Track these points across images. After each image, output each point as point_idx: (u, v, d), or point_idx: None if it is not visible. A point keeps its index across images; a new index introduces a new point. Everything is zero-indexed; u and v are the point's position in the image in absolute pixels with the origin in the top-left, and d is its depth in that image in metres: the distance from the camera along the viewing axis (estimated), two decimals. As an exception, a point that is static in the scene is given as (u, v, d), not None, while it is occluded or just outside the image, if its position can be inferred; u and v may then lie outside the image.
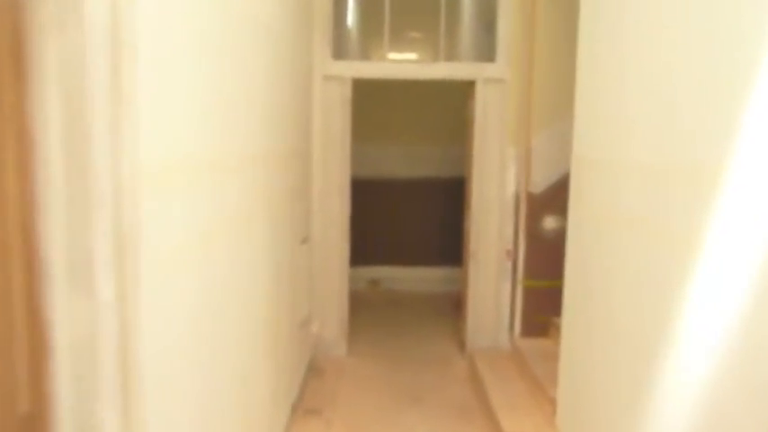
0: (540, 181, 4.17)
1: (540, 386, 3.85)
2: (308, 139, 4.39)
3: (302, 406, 3.88)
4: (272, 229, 3.04)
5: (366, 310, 5.95)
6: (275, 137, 3.12)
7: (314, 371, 4.42)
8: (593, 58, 2.84)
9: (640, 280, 2.22)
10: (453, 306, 6.05)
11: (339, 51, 4.58)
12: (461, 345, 4.84)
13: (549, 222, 4.19)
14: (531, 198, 4.19)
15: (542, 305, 4.28)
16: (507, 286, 4.52)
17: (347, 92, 4.53)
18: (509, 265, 4.50)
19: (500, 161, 4.52)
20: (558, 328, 4.16)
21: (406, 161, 6.62)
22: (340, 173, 4.61)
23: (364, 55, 5.12)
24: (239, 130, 2.29)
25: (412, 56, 5.65)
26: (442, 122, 6.51)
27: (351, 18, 5.09)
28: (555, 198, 4.16)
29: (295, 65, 3.72)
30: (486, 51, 4.64)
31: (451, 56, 4.67)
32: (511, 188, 4.48)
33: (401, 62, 4.58)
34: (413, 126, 6.54)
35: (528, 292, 4.27)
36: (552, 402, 3.47)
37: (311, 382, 4.25)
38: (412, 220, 6.68)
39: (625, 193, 2.38)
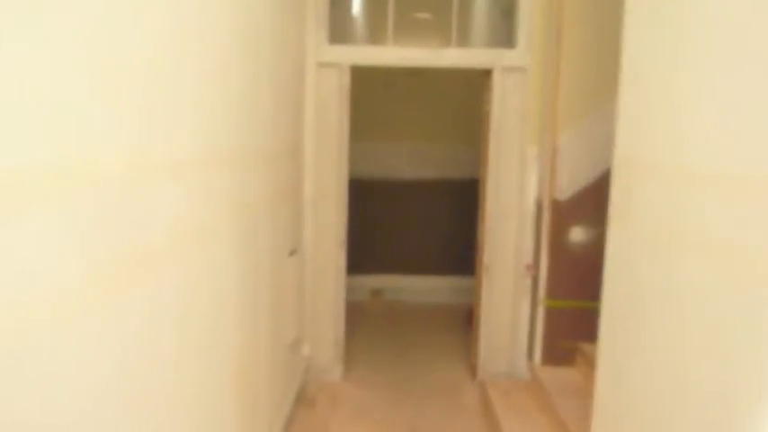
0: (568, 186, 3.59)
1: (564, 425, 3.27)
2: (300, 135, 3.83)
3: (286, 447, 3.32)
4: (245, 243, 2.48)
5: (366, 326, 5.38)
6: (252, 133, 2.56)
7: (304, 400, 3.86)
8: (645, 33, 2.26)
9: (727, 324, 1.65)
10: (464, 321, 5.49)
11: (336, 35, 4.01)
12: (472, 369, 4.27)
13: (577, 234, 3.61)
14: (557, 205, 3.61)
15: (567, 329, 3.70)
16: (526, 306, 3.95)
17: (345, 81, 3.96)
18: (528, 281, 3.92)
19: (519, 162, 3.94)
20: (585, 357, 3.58)
21: (412, 160, 6.04)
22: (337, 173, 4.04)
23: (365, 40, 4.53)
24: (184, 125, 1.73)
25: (419, 41, 5.05)
26: (453, 118, 5.92)
27: (351, -1, 4.52)
28: (584, 206, 3.59)
29: (283, 49, 3.16)
30: (505, 36, 4.06)
31: (465, 41, 4.09)
32: (532, 193, 3.90)
33: (407, 48, 3.99)
34: (420, 122, 5.96)
35: (550, 314, 3.69)
36: (583, 452, 2.89)
37: (300, 414, 3.69)
38: (418, 225, 6.11)
39: (697, 208, 1.80)
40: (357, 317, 5.56)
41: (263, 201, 2.82)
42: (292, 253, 3.60)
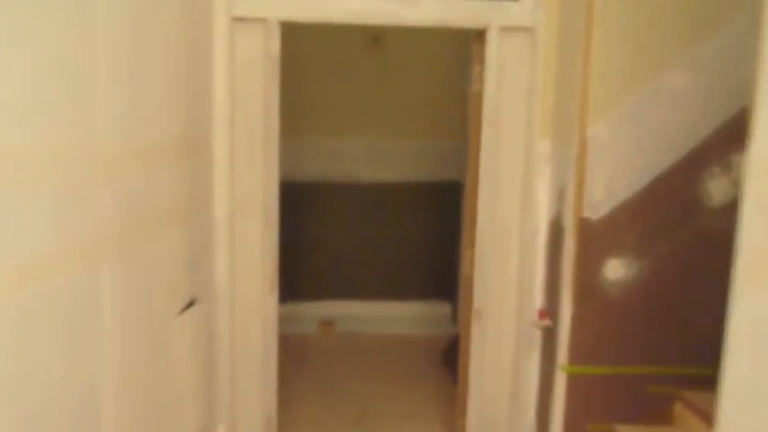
0: (603, 199, 2.41)
1: None
2: (204, 124, 2.56)
3: None
4: (67, 309, 1.24)
5: (312, 371, 4.14)
6: (76, 120, 1.33)
7: None
8: None
9: None
10: (441, 359, 4.32)
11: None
12: (457, 447, 3.09)
13: (616, 268, 2.45)
14: (586, 227, 2.43)
15: (599, 406, 2.54)
16: (535, 370, 2.77)
17: (274, 46, 2.70)
18: (539, 335, 2.75)
19: (525, 164, 2.76)
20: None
21: (372, 159, 4.77)
22: (263, 178, 2.78)
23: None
24: None
25: None
26: (427, 103, 4.68)
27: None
28: (627, 227, 2.43)
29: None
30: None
31: (446, -9, 2.87)
32: (544, 209, 2.72)
33: (364, -1, 2.75)
34: (384, 109, 4.70)
35: (575, 384, 2.52)
36: None
37: None
38: (380, 239, 4.87)
39: None
40: (301, 357, 4.34)
41: (116, 230, 1.57)
42: (191, 305, 2.34)
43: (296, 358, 4.28)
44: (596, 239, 2.44)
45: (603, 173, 2.40)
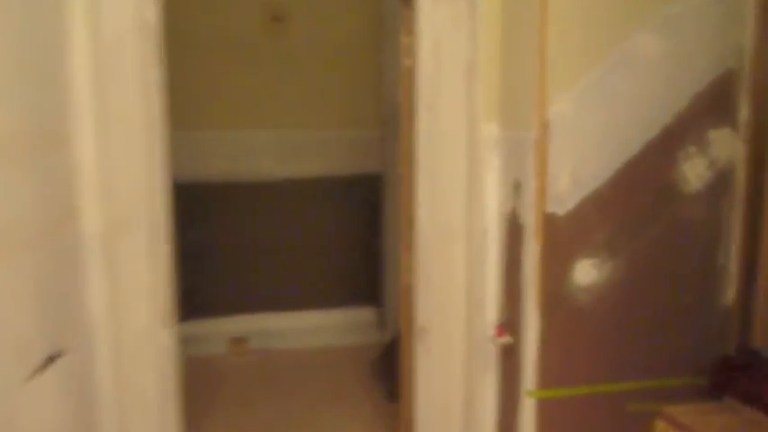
0: (570, 190, 2.02)
1: None
2: (54, 114, 1.94)
3: None
4: None
5: (223, 399, 3.56)
6: None
7: None
8: None
9: None
10: (372, 371, 3.87)
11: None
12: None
13: (587, 270, 2.07)
14: (551, 224, 2.03)
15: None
16: (491, 396, 2.36)
17: (150, 11, 2.11)
18: (493, 353, 2.33)
19: (469, 152, 2.32)
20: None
21: (282, 153, 4.21)
22: (148, 181, 2.18)
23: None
24: None
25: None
26: (340, 88, 4.17)
27: None
28: (600, 221, 2.05)
29: None
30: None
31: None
32: (493, 204, 2.30)
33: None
34: (291, 96, 4.15)
35: (547, 411, 2.12)
36: None
37: None
38: (294, 243, 4.33)
39: None
40: (209, 383, 3.75)
41: None
42: (51, 360, 1.73)
43: (203, 385, 3.69)
44: (564, 238, 2.04)
45: (569, 159, 2.00)
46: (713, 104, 2.05)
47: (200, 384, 3.67)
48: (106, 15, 2.06)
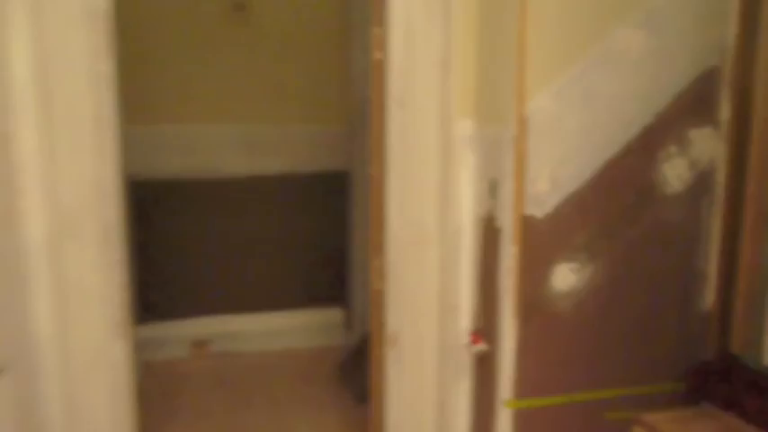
0: (549, 191, 1.93)
1: None
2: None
3: None
4: None
5: (183, 407, 3.40)
6: None
7: None
8: None
9: None
10: (339, 374, 3.76)
11: None
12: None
13: (566, 275, 1.99)
14: (530, 227, 1.94)
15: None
16: (465, 406, 2.27)
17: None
18: (467, 362, 2.24)
19: (442, 150, 2.22)
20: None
21: (243, 149, 4.04)
22: (98, 180, 2.02)
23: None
24: None
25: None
26: (305, 81, 4.02)
27: None
28: (579, 224, 1.97)
29: None
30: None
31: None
32: (468, 205, 2.20)
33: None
34: (254, 89, 3.98)
35: (525, 421, 2.04)
36: None
37: None
38: (257, 242, 4.18)
39: None
40: (168, 390, 3.58)
41: None
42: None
43: (162, 393, 3.52)
44: (542, 241, 1.96)
45: (548, 158, 1.91)
46: (695, 103, 1.99)
47: (158, 392, 3.50)
48: (50, 0, 1.88)
